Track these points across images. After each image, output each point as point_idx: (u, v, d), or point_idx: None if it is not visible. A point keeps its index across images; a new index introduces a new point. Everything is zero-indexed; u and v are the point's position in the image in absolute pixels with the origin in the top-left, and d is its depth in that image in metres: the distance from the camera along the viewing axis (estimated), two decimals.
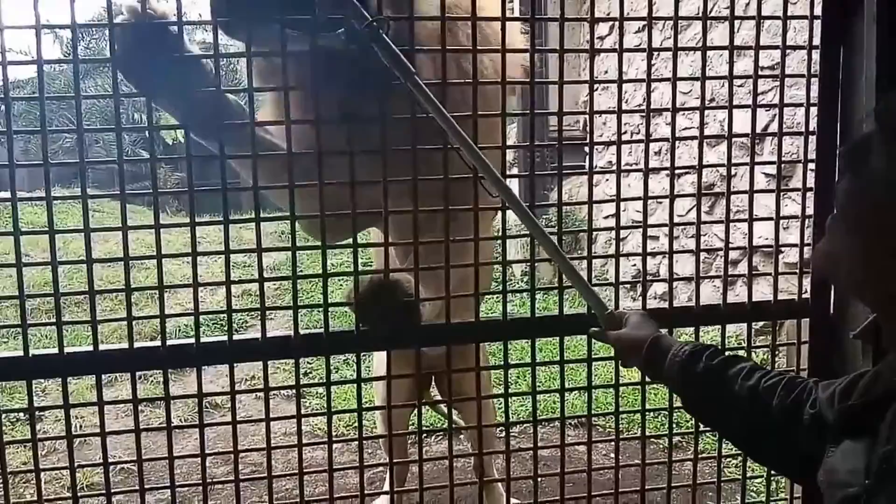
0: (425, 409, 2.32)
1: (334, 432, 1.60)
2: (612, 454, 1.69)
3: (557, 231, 1.55)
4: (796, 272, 1.66)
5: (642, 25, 1.75)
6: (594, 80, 1.56)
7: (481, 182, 1.42)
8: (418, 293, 1.47)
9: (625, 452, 2.00)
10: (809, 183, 1.61)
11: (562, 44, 1.52)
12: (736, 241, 1.81)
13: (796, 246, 1.65)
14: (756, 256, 1.69)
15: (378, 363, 2.33)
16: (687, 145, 3.78)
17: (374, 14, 1.31)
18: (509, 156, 4.04)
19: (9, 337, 4.57)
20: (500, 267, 2.48)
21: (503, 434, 1.65)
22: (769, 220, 1.65)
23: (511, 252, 5.30)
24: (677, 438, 2.20)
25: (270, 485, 1.53)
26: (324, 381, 1.53)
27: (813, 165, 1.60)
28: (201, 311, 1.45)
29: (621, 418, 1.68)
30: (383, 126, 1.42)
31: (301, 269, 1.73)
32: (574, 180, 5.78)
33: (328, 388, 1.54)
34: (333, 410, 1.54)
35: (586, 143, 1.66)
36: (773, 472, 1.65)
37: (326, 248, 1.47)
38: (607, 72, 4.78)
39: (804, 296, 1.65)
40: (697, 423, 1.59)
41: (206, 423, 1.52)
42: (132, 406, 1.47)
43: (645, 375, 1.47)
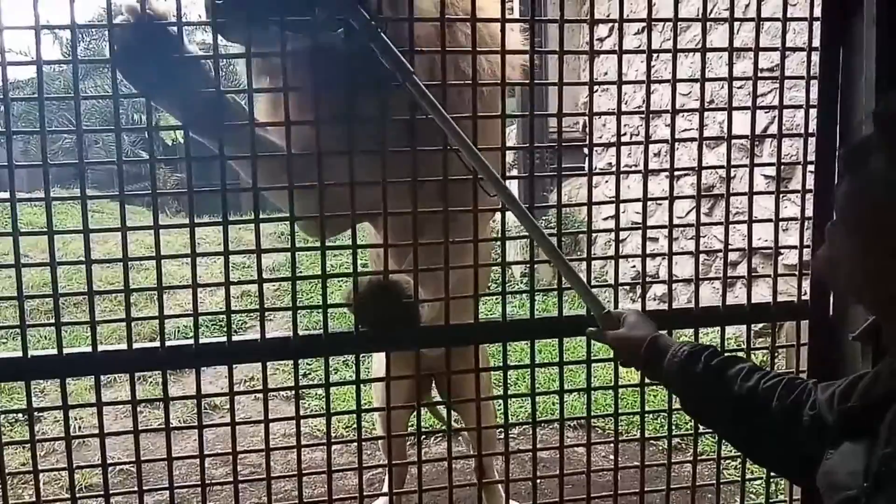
0: (424, 410, 2.32)
1: (333, 433, 1.59)
2: (612, 456, 1.68)
3: (557, 232, 1.55)
4: (796, 274, 1.66)
5: (642, 27, 1.75)
6: (594, 82, 1.56)
7: (480, 183, 1.41)
8: (417, 294, 1.46)
9: (624, 454, 2.00)
10: (809, 185, 1.60)
11: (561, 45, 1.52)
12: (735, 243, 1.80)
13: (796, 248, 1.65)
14: (755, 258, 1.69)
15: (377, 364, 2.33)
16: (686, 147, 3.77)
17: (373, 14, 1.31)
18: (509, 157, 4.04)
19: (8, 338, 4.57)
20: (498, 266, 2.48)
21: (503, 435, 1.65)
22: (769, 221, 1.65)
23: (511, 253, 5.30)
24: (677, 440, 2.19)
25: (269, 486, 1.52)
26: (323, 383, 1.53)
27: (812, 167, 1.60)
28: (200, 311, 1.46)
29: (620, 420, 1.68)
30: (382, 126, 1.42)
31: (300, 270, 1.72)
32: (574, 182, 5.78)
33: (327, 390, 1.53)
34: (332, 412, 1.54)
35: (586, 145, 1.66)
36: (773, 474, 1.65)
37: (325, 249, 1.47)
38: (607, 73, 4.78)
39: (804, 297, 1.65)
40: (697, 424, 1.59)
41: (205, 424, 1.52)
42: (131, 407, 1.47)
43: (644, 376, 1.47)
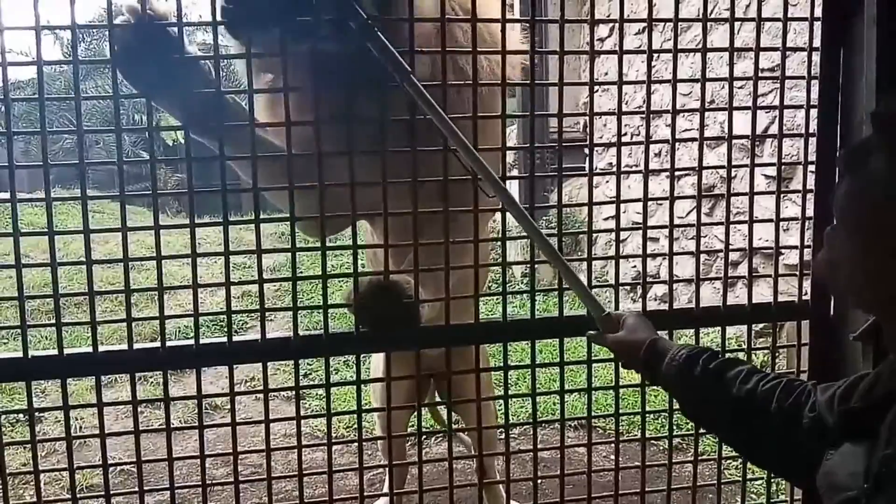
0: (424, 410, 2.32)
1: (334, 434, 1.60)
2: (612, 456, 1.68)
3: (557, 232, 1.54)
4: (796, 274, 1.66)
5: (642, 27, 1.75)
6: (594, 82, 1.56)
7: (479, 183, 1.41)
8: (418, 294, 1.46)
9: (625, 454, 2.00)
10: (809, 185, 1.60)
11: (562, 45, 1.52)
12: (736, 243, 1.80)
13: (796, 248, 1.65)
14: (756, 258, 1.69)
15: (376, 365, 2.33)
16: (687, 147, 3.78)
17: (370, 14, 1.31)
18: (509, 157, 4.04)
19: (8, 338, 4.57)
20: (498, 266, 2.47)
21: (503, 435, 1.65)
22: (769, 221, 1.65)
23: (511, 253, 5.30)
24: (677, 440, 2.19)
25: (270, 486, 1.53)
26: (323, 383, 1.53)
27: (813, 167, 1.60)
28: (201, 312, 1.46)
29: (621, 420, 1.68)
30: (382, 126, 1.42)
31: (300, 271, 1.72)
32: (574, 182, 5.78)
33: (328, 390, 1.54)
34: (333, 412, 1.54)
35: (586, 145, 1.66)
36: (773, 475, 1.65)
37: (326, 249, 1.47)
38: (607, 73, 4.78)
39: (804, 298, 1.65)
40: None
41: (206, 425, 1.52)
42: (132, 407, 1.47)
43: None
